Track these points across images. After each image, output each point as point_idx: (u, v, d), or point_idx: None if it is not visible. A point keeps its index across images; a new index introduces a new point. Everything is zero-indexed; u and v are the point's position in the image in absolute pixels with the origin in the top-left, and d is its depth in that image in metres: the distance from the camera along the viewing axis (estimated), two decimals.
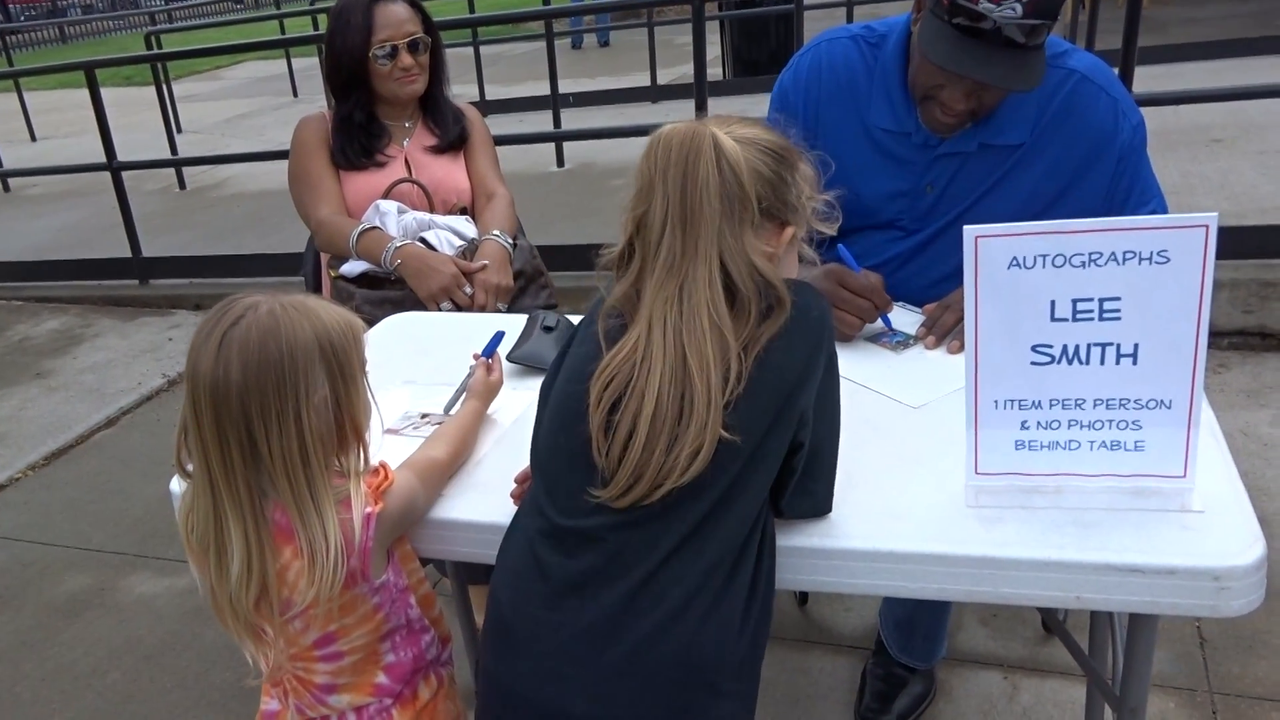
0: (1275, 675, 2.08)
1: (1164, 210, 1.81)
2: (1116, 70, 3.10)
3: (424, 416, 1.61)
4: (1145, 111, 1.82)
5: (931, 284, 1.78)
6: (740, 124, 1.22)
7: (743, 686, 1.17)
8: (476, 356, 1.62)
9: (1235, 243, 3.59)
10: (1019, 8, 1.52)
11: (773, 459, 1.16)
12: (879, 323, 1.71)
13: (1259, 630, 2.19)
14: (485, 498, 1.39)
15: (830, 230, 1.32)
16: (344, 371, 1.22)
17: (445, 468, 1.42)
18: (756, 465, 1.14)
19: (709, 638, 1.12)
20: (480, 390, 1.57)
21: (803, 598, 2.44)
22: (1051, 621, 2.05)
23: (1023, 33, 1.54)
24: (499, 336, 1.68)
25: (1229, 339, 3.50)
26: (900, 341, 1.69)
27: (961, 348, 1.63)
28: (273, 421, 1.15)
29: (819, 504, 1.23)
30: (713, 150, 1.15)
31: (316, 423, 1.18)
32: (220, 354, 1.15)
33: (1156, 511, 1.19)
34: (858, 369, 1.61)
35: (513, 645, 1.19)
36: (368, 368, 1.27)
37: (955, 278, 1.72)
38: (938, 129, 1.73)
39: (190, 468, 1.22)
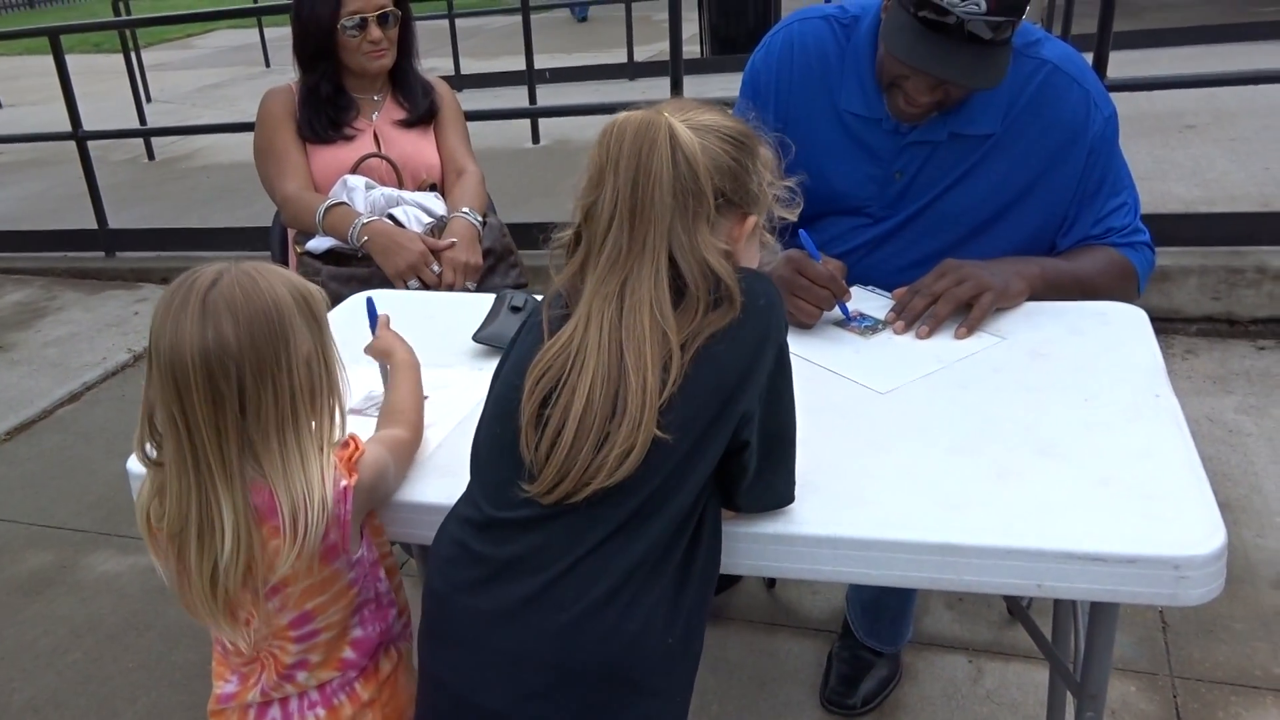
0: (1236, 660, 2.11)
1: (1135, 202, 1.81)
2: (1090, 55, 3.10)
3: None
4: (1118, 97, 1.81)
5: (899, 270, 1.77)
6: (699, 110, 1.17)
7: (670, 683, 1.14)
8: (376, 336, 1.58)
9: (1205, 230, 3.62)
10: (984, 3, 1.49)
11: (710, 457, 1.12)
12: (836, 310, 1.69)
13: (1220, 615, 2.21)
14: (448, 481, 1.36)
15: (792, 216, 1.29)
16: (321, 327, 1.21)
17: (410, 444, 1.41)
18: (693, 463, 1.10)
19: (629, 632, 1.09)
20: (408, 361, 1.51)
21: (770, 581, 2.44)
22: (1015, 606, 2.06)
23: (990, 29, 1.52)
24: (370, 303, 1.63)
25: (1196, 325, 3.52)
26: (869, 326, 1.68)
27: (930, 332, 1.63)
28: (267, 377, 1.14)
29: (780, 496, 1.21)
30: (668, 142, 1.10)
31: (302, 377, 1.18)
32: (207, 317, 1.12)
33: (1119, 500, 1.19)
34: (825, 354, 1.60)
35: (441, 635, 1.18)
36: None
37: (924, 264, 1.72)
38: (903, 118, 1.71)
39: (153, 454, 1.20)
